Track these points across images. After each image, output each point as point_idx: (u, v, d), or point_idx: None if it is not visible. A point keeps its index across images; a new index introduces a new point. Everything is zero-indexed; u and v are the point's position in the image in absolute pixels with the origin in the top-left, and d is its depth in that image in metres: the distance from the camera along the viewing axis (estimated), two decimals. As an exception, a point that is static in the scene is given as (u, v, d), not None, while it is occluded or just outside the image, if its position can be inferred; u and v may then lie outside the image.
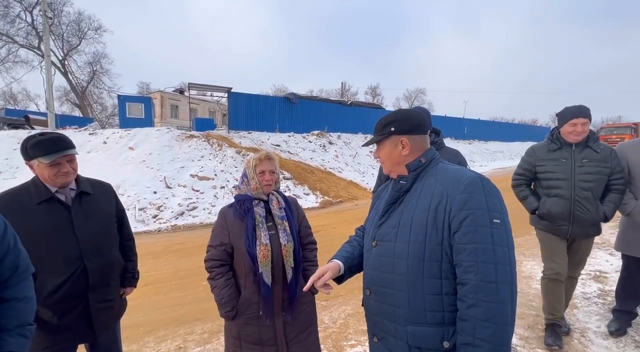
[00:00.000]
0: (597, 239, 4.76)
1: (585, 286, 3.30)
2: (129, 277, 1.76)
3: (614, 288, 3.16)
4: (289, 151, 14.39)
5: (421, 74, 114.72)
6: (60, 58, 24.66)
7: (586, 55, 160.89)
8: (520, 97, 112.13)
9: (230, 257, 1.54)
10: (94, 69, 26.91)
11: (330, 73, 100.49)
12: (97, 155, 10.83)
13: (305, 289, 1.14)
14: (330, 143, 16.75)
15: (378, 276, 1.06)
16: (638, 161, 2.34)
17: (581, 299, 3.03)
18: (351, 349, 2.44)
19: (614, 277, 3.41)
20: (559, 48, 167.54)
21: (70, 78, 25.37)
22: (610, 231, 5.13)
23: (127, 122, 15.26)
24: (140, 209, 8.25)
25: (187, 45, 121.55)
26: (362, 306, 1.19)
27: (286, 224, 1.57)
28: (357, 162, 15.73)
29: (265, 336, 1.48)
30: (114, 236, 1.67)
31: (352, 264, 1.20)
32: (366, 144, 1.27)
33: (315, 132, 17.21)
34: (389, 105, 41.86)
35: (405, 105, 46.69)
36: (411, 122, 1.08)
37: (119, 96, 16.94)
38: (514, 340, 2.41)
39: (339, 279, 1.20)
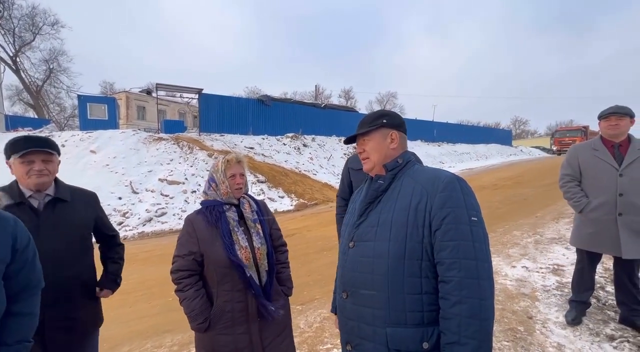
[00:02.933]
0: (554, 234, 5.14)
1: (545, 279, 3.51)
2: (110, 278, 1.70)
3: (570, 280, 3.40)
4: (263, 154, 14.21)
5: (393, 78, 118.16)
6: (12, 54, 22.79)
7: (543, 63, 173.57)
8: (484, 101, 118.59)
9: (199, 266, 1.48)
10: (51, 66, 25.13)
11: (304, 76, 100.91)
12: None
13: None
14: (305, 145, 16.74)
15: (356, 277, 1.04)
16: (588, 162, 2.51)
17: (542, 292, 3.23)
18: (327, 352, 2.42)
19: (570, 270, 3.67)
20: (520, 56, 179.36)
21: (23, 76, 23.52)
22: (565, 226, 5.53)
23: (88, 124, 14.36)
24: (103, 216, 7.78)
25: (156, 44, 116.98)
26: (332, 312, 1.19)
27: (259, 227, 1.55)
28: (331, 164, 15.83)
29: (240, 344, 1.43)
30: (86, 248, 1.58)
31: None
32: (349, 139, 1.20)
33: (290, 134, 17.15)
34: (362, 109, 42.61)
35: (377, 108, 47.71)
36: (400, 119, 1.15)
37: (79, 96, 15.90)
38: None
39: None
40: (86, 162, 10.11)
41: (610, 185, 2.38)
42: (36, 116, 23.88)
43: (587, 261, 2.62)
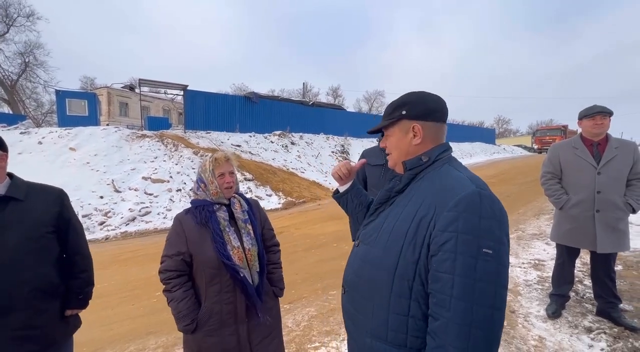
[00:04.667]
0: (535, 230, 5.30)
1: (527, 273, 3.62)
2: (72, 297, 1.50)
3: (550, 275, 3.51)
4: (250, 152, 14.06)
5: (381, 76, 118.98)
6: (-17, 46, 21.69)
7: (525, 64, 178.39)
8: (469, 100, 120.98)
9: (188, 266, 1.44)
10: (26, 60, 24.05)
11: (292, 73, 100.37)
12: (31, 157, 9.69)
13: None
14: (293, 143, 16.66)
15: (353, 277, 0.98)
16: (568, 160, 2.58)
17: (524, 286, 3.32)
18: (315, 351, 2.42)
19: (550, 265, 3.78)
20: (504, 57, 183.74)
21: (-4, 70, 22.42)
22: (546, 223, 5.70)
23: (67, 121, 13.83)
24: (84, 216, 7.52)
25: (139, 39, 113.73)
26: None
27: (250, 227, 1.51)
28: (319, 162, 15.82)
29: (228, 345, 1.41)
30: (44, 250, 1.41)
31: (356, 196, 1.23)
32: (372, 131, 1.07)
33: (277, 132, 17.02)
34: (350, 107, 42.79)
35: (365, 107, 47.97)
36: (427, 105, 0.92)
37: (57, 91, 15.26)
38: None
39: (340, 194, 1.25)
40: (65, 160, 9.74)
41: (588, 183, 2.45)
42: (11, 112, 22.80)
43: (566, 256, 2.71)
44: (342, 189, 1.24)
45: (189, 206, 1.54)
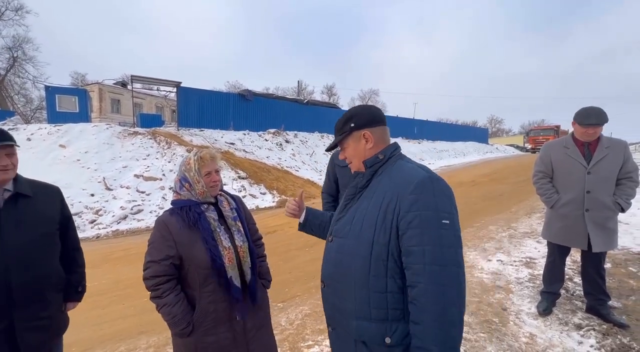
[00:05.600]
0: (527, 228, 5.36)
1: (518, 271, 3.66)
2: (72, 291, 1.58)
3: (541, 272, 3.56)
4: (244, 150, 13.98)
5: (375, 75, 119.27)
6: (-31, 40, 21.16)
7: (518, 65, 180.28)
8: (463, 100, 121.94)
9: (177, 269, 1.40)
10: (14, 55, 23.55)
11: (287, 71, 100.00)
12: (20, 154, 9.42)
13: None
14: (287, 141, 16.62)
15: (332, 270, 1.08)
16: (560, 160, 2.59)
17: (515, 284, 3.36)
18: (308, 349, 2.41)
19: (541, 263, 3.83)
20: (497, 57, 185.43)
21: (-17, 64, 21.91)
22: (537, 221, 5.78)
23: (57, 117, 13.60)
24: (74, 214, 7.39)
25: (132, 34, 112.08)
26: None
27: (239, 224, 1.50)
28: (314, 160, 15.81)
29: (224, 342, 1.40)
30: (54, 245, 1.49)
31: (314, 221, 1.35)
32: (329, 149, 1.24)
33: (272, 130, 16.95)
34: (345, 105, 42.77)
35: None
36: (370, 114, 1.09)
37: (46, 87, 15.00)
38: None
39: (301, 226, 1.37)
40: (55, 157, 9.57)
41: (578, 182, 2.47)
42: (-1, 108, 22.34)
43: (557, 254, 2.74)
44: (301, 220, 1.37)
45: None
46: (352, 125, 1.07)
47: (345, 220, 1.07)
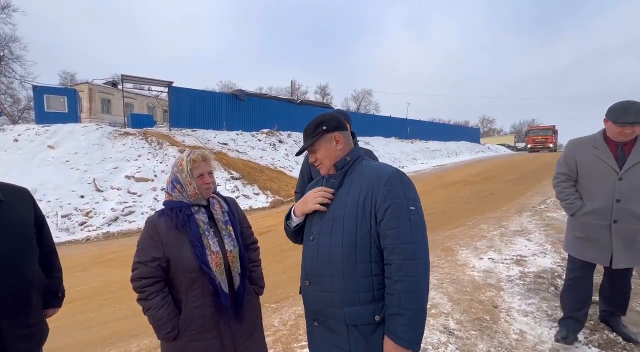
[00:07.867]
0: (517, 227, 5.44)
1: (509, 269, 3.71)
2: (52, 296, 1.52)
3: (532, 270, 3.61)
4: (237, 150, 13.90)
5: (369, 75, 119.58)
6: (-46, 39, 20.62)
7: (509, 65, 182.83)
8: (455, 100, 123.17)
9: (164, 272, 1.38)
10: (1, 54, 22.97)
11: (280, 71, 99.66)
12: (6, 155, 9.30)
13: None
14: (280, 141, 16.58)
15: (316, 266, 1.15)
16: (586, 161, 2.20)
17: (506, 282, 3.40)
18: (302, 350, 2.41)
19: (531, 260, 3.90)
20: (489, 57, 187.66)
21: (-32, 63, 21.37)
22: (527, 219, 5.86)
23: (45, 117, 13.32)
24: (63, 216, 7.28)
25: (123, 34, 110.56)
26: (300, 293, 1.30)
27: (230, 228, 1.47)
28: (307, 160, 15.79)
29: (211, 348, 1.37)
30: (32, 249, 1.42)
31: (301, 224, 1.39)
32: (300, 152, 1.26)
33: (265, 130, 16.89)
34: (338, 105, 42.87)
35: (353, 105, 48.18)
36: (338, 120, 1.23)
37: (34, 87, 14.67)
38: (451, 324, 2.61)
39: (296, 226, 1.33)
40: (43, 158, 9.39)
41: (607, 189, 2.10)
42: (-16, 108, 21.80)
43: (580, 271, 2.28)
44: (298, 220, 1.30)
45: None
46: (324, 128, 1.19)
47: (326, 218, 1.15)
